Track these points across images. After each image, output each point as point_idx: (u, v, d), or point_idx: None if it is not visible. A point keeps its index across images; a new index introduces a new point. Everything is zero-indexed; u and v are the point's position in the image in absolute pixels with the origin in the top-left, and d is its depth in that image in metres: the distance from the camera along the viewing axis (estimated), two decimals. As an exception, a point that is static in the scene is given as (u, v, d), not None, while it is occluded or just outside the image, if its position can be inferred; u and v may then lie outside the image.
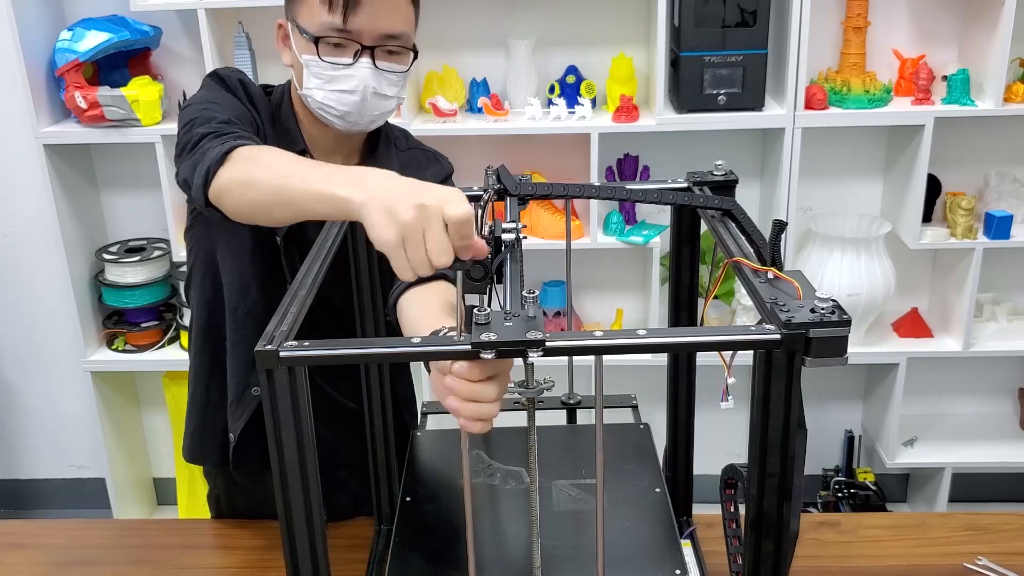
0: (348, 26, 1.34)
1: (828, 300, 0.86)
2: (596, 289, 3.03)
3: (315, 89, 1.39)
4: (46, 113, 2.73)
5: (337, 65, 1.37)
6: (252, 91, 1.46)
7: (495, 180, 1.14)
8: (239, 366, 1.51)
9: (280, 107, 1.48)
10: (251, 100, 1.44)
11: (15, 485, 3.39)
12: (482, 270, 0.94)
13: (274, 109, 1.48)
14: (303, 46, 1.38)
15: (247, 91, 1.45)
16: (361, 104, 1.39)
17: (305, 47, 1.37)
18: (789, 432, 0.89)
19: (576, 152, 2.75)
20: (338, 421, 1.55)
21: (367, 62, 1.37)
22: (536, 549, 1.01)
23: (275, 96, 1.50)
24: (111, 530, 1.70)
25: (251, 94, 1.45)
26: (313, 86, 1.39)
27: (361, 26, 1.34)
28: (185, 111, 1.36)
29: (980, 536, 1.52)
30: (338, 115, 1.41)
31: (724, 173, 1.24)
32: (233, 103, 1.40)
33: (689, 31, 2.53)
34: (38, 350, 3.19)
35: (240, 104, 1.41)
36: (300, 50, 1.39)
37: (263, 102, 1.47)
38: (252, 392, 1.51)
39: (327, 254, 1.08)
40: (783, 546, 0.94)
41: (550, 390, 0.90)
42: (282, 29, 1.44)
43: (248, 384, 1.51)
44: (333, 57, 1.36)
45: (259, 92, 1.48)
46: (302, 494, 0.90)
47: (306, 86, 1.39)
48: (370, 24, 1.35)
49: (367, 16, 1.34)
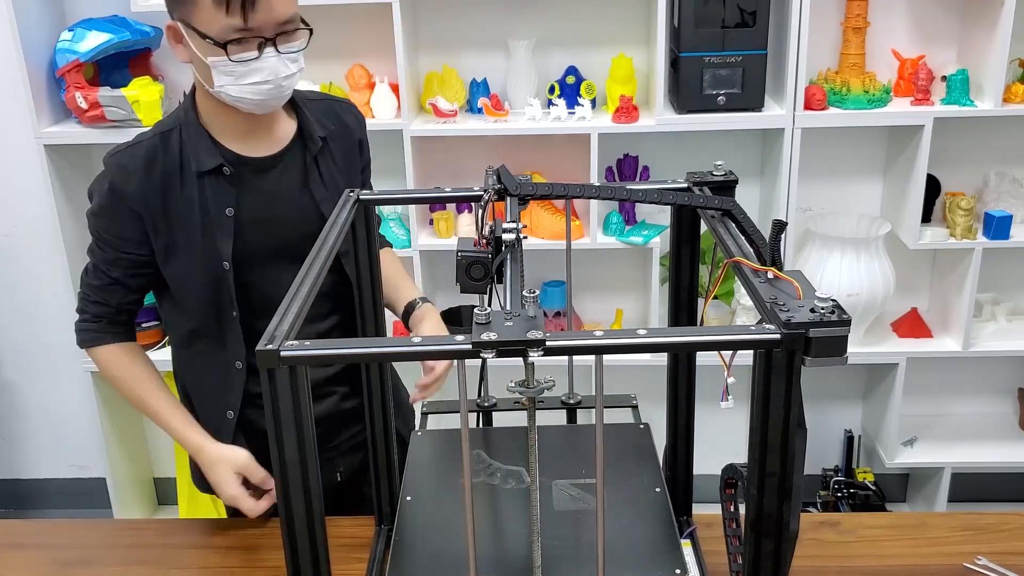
0: (249, 24, 1.40)
1: (828, 300, 0.86)
2: (596, 289, 3.03)
3: (228, 86, 1.44)
4: (47, 113, 2.73)
5: (245, 61, 1.42)
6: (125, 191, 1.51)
7: (495, 180, 1.14)
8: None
9: (186, 124, 1.53)
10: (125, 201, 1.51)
11: (16, 485, 3.39)
12: (482, 270, 0.94)
13: (178, 135, 1.53)
14: (205, 48, 1.42)
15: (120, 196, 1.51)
16: (275, 90, 1.47)
17: (208, 49, 1.42)
18: (789, 432, 0.89)
19: (576, 152, 2.75)
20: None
21: (271, 51, 1.44)
22: (536, 549, 1.01)
23: (176, 118, 1.56)
24: (111, 530, 1.71)
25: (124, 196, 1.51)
26: (225, 83, 1.44)
27: (261, 21, 1.41)
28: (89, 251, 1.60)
29: (980, 536, 1.52)
30: (255, 104, 1.47)
31: (724, 173, 1.24)
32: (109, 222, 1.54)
33: (689, 31, 2.53)
34: (39, 350, 3.19)
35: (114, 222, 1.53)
36: (202, 52, 1.43)
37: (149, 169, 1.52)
38: (227, 416, 1.62)
39: (328, 255, 1.08)
40: (783, 546, 0.94)
41: (550, 390, 0.90)
42: (172, 30, 1.46)
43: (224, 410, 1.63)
44: (239, 54, 1.41)
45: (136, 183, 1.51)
46: (302, 494, 0.91)
47: (218, 84, 1.45)
48: (268, 16, 1.41)
49: (264, 11, 1.40)
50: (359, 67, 2.71)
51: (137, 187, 1.51)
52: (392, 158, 2.78)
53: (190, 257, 1.54)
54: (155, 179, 1.51)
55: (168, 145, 1.53)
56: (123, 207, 1.51)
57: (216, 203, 1.53)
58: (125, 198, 1.51)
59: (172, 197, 1.52)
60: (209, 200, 1.52)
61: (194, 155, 1.52)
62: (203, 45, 1.41)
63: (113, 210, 1.52)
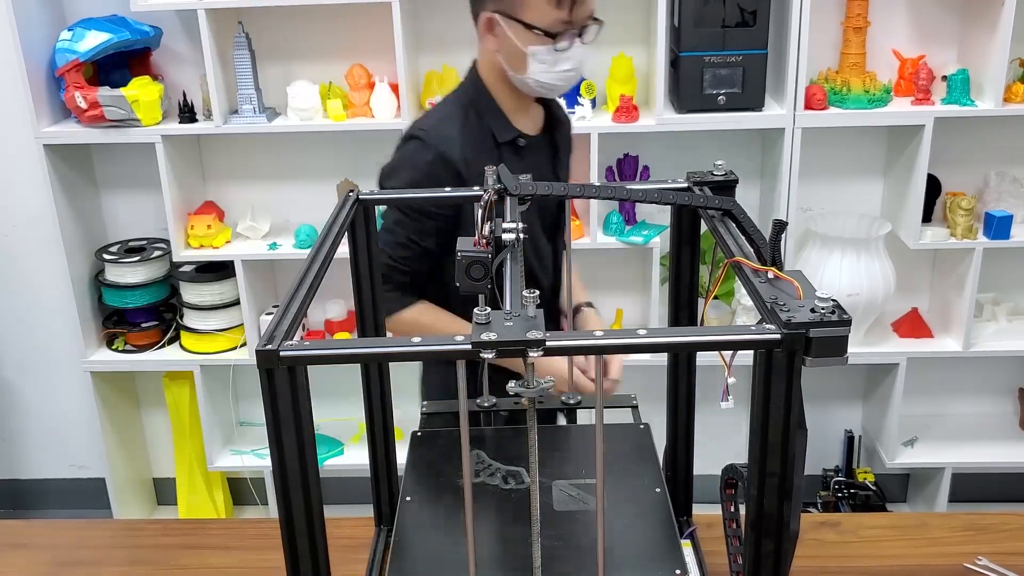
0: (571, 17, 1.64)
1: (828, 300, 0.86)
2: (596, 289, 3.02)
3: (541, 73, 1.67)
4: (46, 113, 2.73)
5: (562, 51, 1.65)
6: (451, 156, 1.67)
7: (495, 180, 1.14)
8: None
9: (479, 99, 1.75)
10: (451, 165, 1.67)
11: (15, 485, 3.39)
12: (482, 270, 0.94)
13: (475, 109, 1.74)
14: (528, 38, 1.64)
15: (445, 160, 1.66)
16: (575, 76, 1.72)
17: (531, 39, 1.64)
18: (789, 432, 0.89)
19: (576, 152, 2.74)
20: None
21: (578, 42, 1.67)
22: (536, 549, 1.01)
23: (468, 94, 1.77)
24: (111, 530, 1.71)
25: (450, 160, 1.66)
26: (538, 71, 1.67)
27: (579, 15, 1.65)
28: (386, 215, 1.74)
29: (980, 536, 1.52)
30: (555, 89, 1.71)
31: (724, 173, 1.24)
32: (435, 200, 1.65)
33: (689, 31, 2.53)
34: (38, 350, 3.19)
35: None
36: (523, 41, 1.65)
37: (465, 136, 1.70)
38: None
39: (327, 255, 1.08)
40: (783, 546, 0.94)
41: (550, 390, 0.90)
42: (488, 21, 1.68)
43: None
44: (562, 44, 1.64)
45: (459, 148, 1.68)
46: (302, 494, 0.90)
47: (531, 71, 1.67)
48: (584, 10, 1.66)
49: (583, 5, 1.65)
50: (359, 67, 2.71)
51: (460, 152, 1.68)
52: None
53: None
54: (470, 145, 1.69)
55: (470, 116, 1.73)
56: (450, 172, 1.66)
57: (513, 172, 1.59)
58: (449, 160, 1.67)
59: (478, 163, 1.61)
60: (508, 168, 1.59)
61: (495, 126, 1.73)
62: (526, 35, 1.64)
63: (439, 177, 1.66)
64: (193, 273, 2.90)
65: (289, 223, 2.94)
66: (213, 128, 2.72)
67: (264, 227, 2.88)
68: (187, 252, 2.83)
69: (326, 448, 3.03)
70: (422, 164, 1.67)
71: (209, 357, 2.92)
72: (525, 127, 1.77)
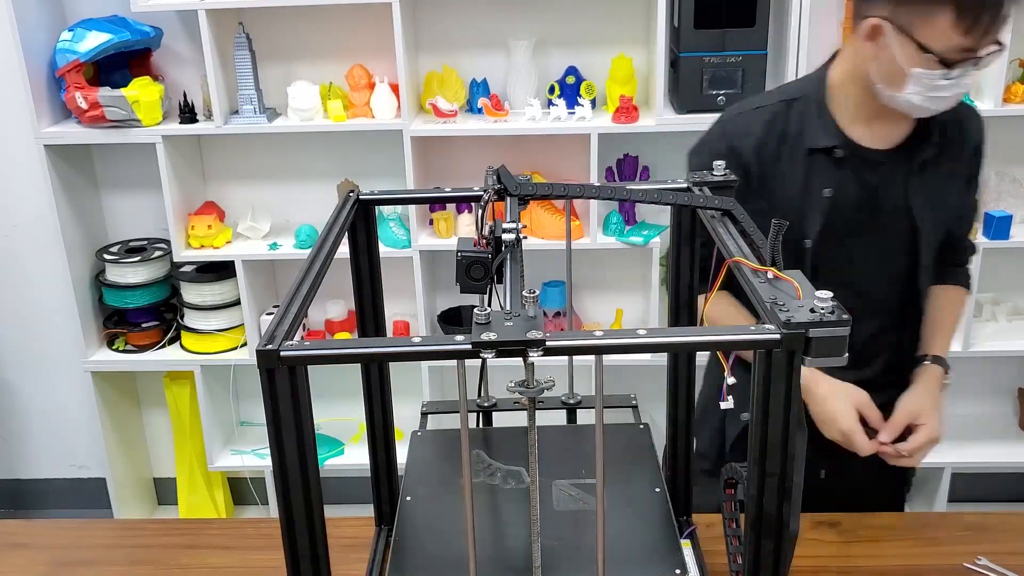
0: (975, 46, 1.39)
1: (828, 300, 0.86)
2: (596, 289, 3.03)
3: (915, 95, 1.44)
4: (47, 113, 2.73)
5: (949, 79, 1.42)
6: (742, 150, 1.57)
7: (495, 180, 1.14)
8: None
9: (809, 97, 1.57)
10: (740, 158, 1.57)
11: (15, 485, 3.39)
12: (482, 270, 0.94)
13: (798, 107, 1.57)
14: (916, 60, 1.41)
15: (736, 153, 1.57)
16: (952, 102, 1.47)
17: (920, 61, 1.41)
18: (789, 432, 0.89)
19: (576, 152, 2.75)
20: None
21: (972, 71, 1.42)
22: (536, 549, 1.01)
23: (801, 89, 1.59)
24: (111, 530, 1.70)
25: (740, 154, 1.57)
26: (913, 92, 1.44)
27: (984, 44, 1.39)
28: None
29: (980, 536, 1.52)
30: (923, 112, 1.48)
31: (724, 173, 1.24)
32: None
33: (689, 31, 2.53)
34: (39, 350, 3.19)
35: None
36: (909, 62, 1.42)
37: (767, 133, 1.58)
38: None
39: (328, 255, 1.08)
40: (783, 546, 0.94)
41: (550, 390, 0.90)
42: (874, 28, 1.44)
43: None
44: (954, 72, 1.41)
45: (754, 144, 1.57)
46: (302, 494, 0.91)
47: (907, 91, 1.45)
48: (989, 39, 1.40)
49: (992, 35, 1.39)
50: (359, 67, 2.71)
51: (753, 148, 1.56)
52: (392, 158, 2.79)
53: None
54: (770, 144, 1.56)
55: (789, 114, 1.57)
56: (738, 167, 1.53)
57: (817, 181, 1.55)
58: (740, 155, 1.56)
59: (779, 164, 1.56)
60: (811, 176, 1.55)
61: (810, 130, 1.55)
62: (915, 56, 1.41)
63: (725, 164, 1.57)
64: (194, 273, 2.90)
65: (289, 223, 2.95)
66: (213, 128, 2.72)
67: (264, 227, 2.88)
68: (187, 252, 2.83)
69: (326, 448, 3.03)
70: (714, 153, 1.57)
71: (209, 357, 2.92)
72: (864, 138, 1.56)
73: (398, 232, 2.79)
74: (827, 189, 1.55)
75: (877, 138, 1.56)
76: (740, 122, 1.60)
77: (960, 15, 1.35)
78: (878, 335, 1.66)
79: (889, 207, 1.58)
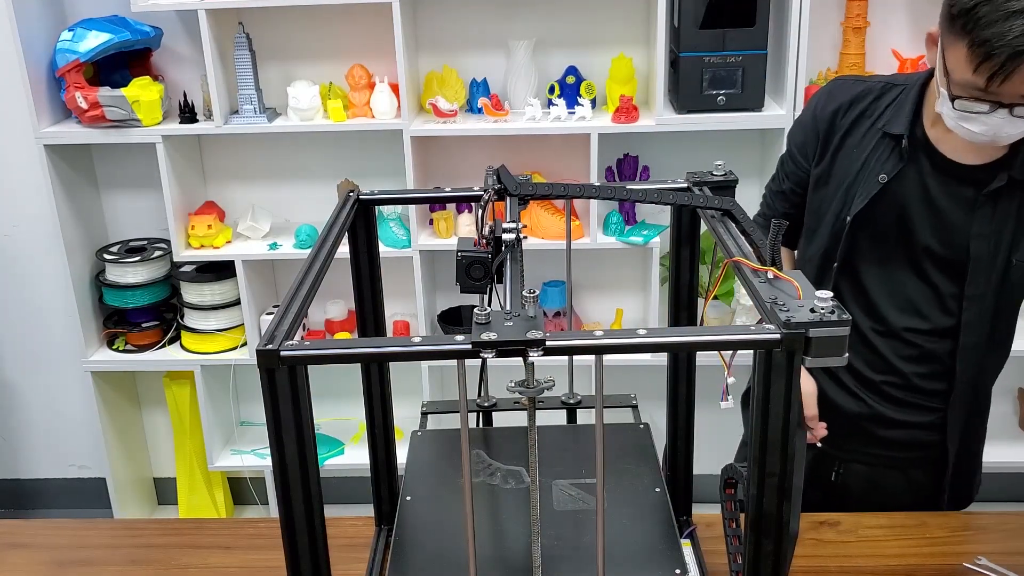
0: (991, 90, 1.34)
1: (828, 300, 0.86)
2: (596, 289, 3.03)
3: (946, 116, 1.44)
4: (47, 113, 2.73)
5: (970, 113, 1.38)
6: (819, 113, 1.63)
7: (495, 180, 1.14)
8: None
9: (915, 86, 1.56)
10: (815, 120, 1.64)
11: (15, 485, 3.39)
12: (482, 270, 0.94)
13: (896, 92, 1.58)
14: (942, 78, 1.40)
15: (814, 114, 1.64)
16: (990, 141, 1.42)
17: (943, 81, 1.40)
18: (789, 432, 0.89)
19: (576, 152, 2.75)
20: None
21: (1003, 113, 1.36)
22: (536, 549, 1.01)
23: (911, 76, 1.60)
24: (111, 530, 1.70)
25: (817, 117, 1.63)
26: (945, 111, 1.43)
27: (1006, 92, 1.34)
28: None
29: (980, 536, 1.52)
30: (963, 132, 1.43)
31: (724, 173, 1.24)
32: (795, 135, 1.70)
33: (689, 31, 2.53)
34: (38, 350, 3.19)
35: (800, 134, 1.67)
36: (939, 78, 1.42)
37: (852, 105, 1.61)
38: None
39: (328, 255, 1.08)
40: (783, 546, 0.94)
41: (550, 390, 0.90)
42: (931, 37, 1.46)
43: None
44: (968, 106, 1.37)
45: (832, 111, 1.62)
46: (302, 494, 0.91)
47: (938, 108, 1.45)
48: (1012, 91, 1.33)
49: (1012, 86, 1.32)
50: (359, 67, 2.71)
51: (831, 115, 1.61)
52: (392, 158, 2.79)
53: (829, 199, 1.62)
54: (850, 116, 1.60)
55: (883, 96, 1.59)
56: (813, 123, 1.63)
57: (877, 164, 1.56)
58: (818, 118, 1.63)
59: (850, 139, 1.59)
60: (873, 158, 1.57)
61: (893, 115, 1.56)
62: (942, 75, 1.40)
63: (806, 123, 1.66)
64: (194, 273, 2.90)
65: (289, 223, 2.95)
66: (213, 128, 2.72)
67: (264, 227, 2.88)
68: (188, 252, 2.83)
69: (326, 448, 3.03)
70: (800, 122, 1.69)
71: (209, 357, 2.92)
72: (944, 144, 1.52)
73: (398, 232, 2.79)
74: (883, 175, 1.55)
75: (960, 149, 1.52)
76: (833, 88, 1.65)
77: (972, 51, 1.32)
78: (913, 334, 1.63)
79: (944, 221, 1.55)
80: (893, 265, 1.61)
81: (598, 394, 0.90)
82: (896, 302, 1.62)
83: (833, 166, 1.61)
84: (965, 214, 1.53)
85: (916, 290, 1.61)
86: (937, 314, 1.61)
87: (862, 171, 1.58)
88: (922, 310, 1.61)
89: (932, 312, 1.61)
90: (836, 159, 1.61)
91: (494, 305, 1.17)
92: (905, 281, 1.61)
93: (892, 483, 1.73)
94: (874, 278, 1.62)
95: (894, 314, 1.62)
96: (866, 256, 1.61)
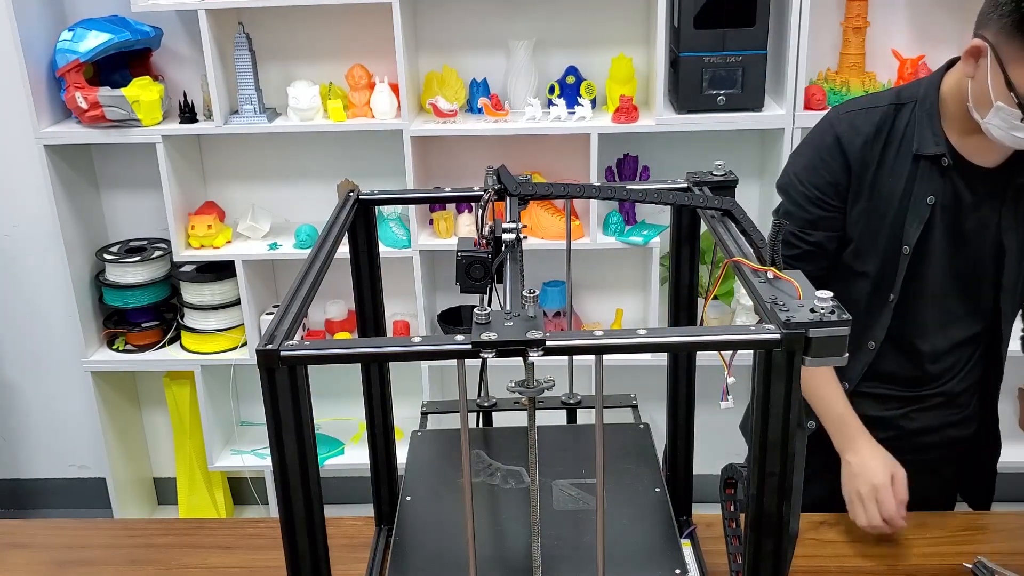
0: None
1: (828, 300, 0.86)
2: (596, 289, 3.03)
3: (995, 128, 1.42)
4: (46, 113, 2.73)
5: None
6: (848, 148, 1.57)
7: (495, 180, 1.14)
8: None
9: (922, 101, 1.55)
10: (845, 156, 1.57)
11: (15, 485, 3.39)
12: (482, 270, 0.94)
13: (910, 111, 1.56)
14: (1002, 93, 1.39)
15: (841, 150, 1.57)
16: None
17: (1004, 95, 1.38)
18: (789, 432, 0.89)
19: (576, 152, 2.75)
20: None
21: None
22: (536, 549, 1.01)
23: (916, 92, 1.57)
24: (111, 530, 1.71)
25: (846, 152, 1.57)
26: (994, 124, 1.42)
27: None
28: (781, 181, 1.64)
29: (980, 536, 1.53)
30: (1001, 143, 1.44)
31: (724, 173, 1.24)
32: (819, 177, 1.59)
33: (689, 31, 2.53)
34: (38, 350, 3.19)
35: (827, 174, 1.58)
36: (996, 93, 1.40)
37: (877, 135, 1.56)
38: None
39: (328, 255, 1.08)
40: (783, 546, 0.94)
41: (550, 390, 0.90)
42: (977, 50, 1.42)
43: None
44: None
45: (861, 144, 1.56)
46: (302, 494, 0.91)
47: (987, 121, 1.43)
48: None
49: None
50: (359, 67, 2.71)
51: (860, 148, 1.56)
52: (392, 158, 2.79)
53: (876, 231, 1.58)
54: (877, 146, 1.56)
55: (898, 117, 1.56)
56: (842, 161, 1.56)
57: (921, 187, 1.54)
58: (848, 155, 1.56)
59: (884, 168, 1.56)
60: (916, 182, 1.55)
61: (919, 136, 1.54)
62: (1002, 89, 1.38)
63: (831, 163, 1.57)
64: (194, 273, 2.90)
65: (289, 223, 2.95)
66: (213, 128, 2.72)
67: (264, 227, 2.88)
68: (187, 252, 2.83)
69: (326, 448, 3.03)
70: (820, 146, 1.59)
71: (209, 357, 2.92)
72: (967, 150, 1.53)
73: (398, 232, 2.79)
74: (931, 197, 1.54)
75: (980, 151, 1.53)
76: (851, 120, 1.58)
77: None
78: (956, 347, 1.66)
79: (982, 223, 1.57)
80: (945, 287, 1.61)
81: (598, 394, 0.90)
82: (946, 318, 1.63)
83: (874, 201, 1.57)
84: (996, 214, 1.56)
85: (960, 305, 1.63)
86: (976, 322, 1.65)
87: (904, 198, 1.55)
88: (967, 322, 1.65)
89: (974, 324, 1.65)
90: (875, 194, 1.57)
91: (494, 305, 1.17)
92: (952, 299, 1.62)
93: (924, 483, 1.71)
94: (927, 305, 1.62)
95: (944, 337, 1.64)
96: (929, 274, 1.59)
